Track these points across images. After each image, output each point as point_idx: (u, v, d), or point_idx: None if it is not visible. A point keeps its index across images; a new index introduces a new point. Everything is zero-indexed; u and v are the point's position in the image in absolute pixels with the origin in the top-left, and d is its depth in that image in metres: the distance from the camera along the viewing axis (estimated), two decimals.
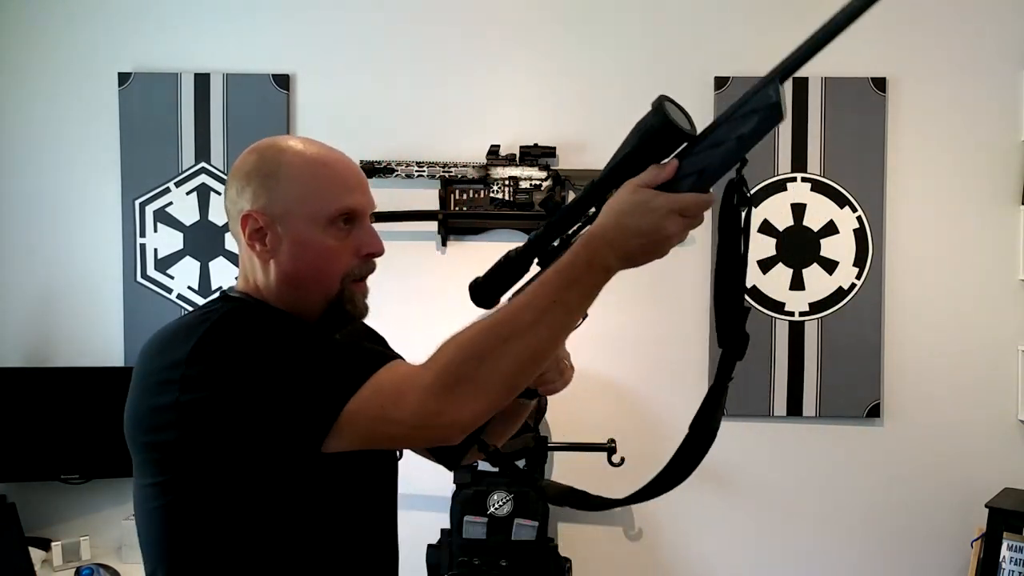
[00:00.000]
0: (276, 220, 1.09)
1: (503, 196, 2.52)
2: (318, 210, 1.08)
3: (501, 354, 0.94)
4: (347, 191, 1.10)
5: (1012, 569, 2.27)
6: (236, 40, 2.62)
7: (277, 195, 1.08)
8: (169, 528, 1.04)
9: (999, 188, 2.52)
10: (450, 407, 0.95)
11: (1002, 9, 2.52)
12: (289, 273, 1.10)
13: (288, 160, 1.10)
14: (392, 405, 0.96)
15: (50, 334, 2.63)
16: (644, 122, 0.99)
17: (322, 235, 1.09)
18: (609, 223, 0.95)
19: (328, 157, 1.12)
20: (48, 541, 2.48)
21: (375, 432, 0.98)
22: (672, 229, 0.93)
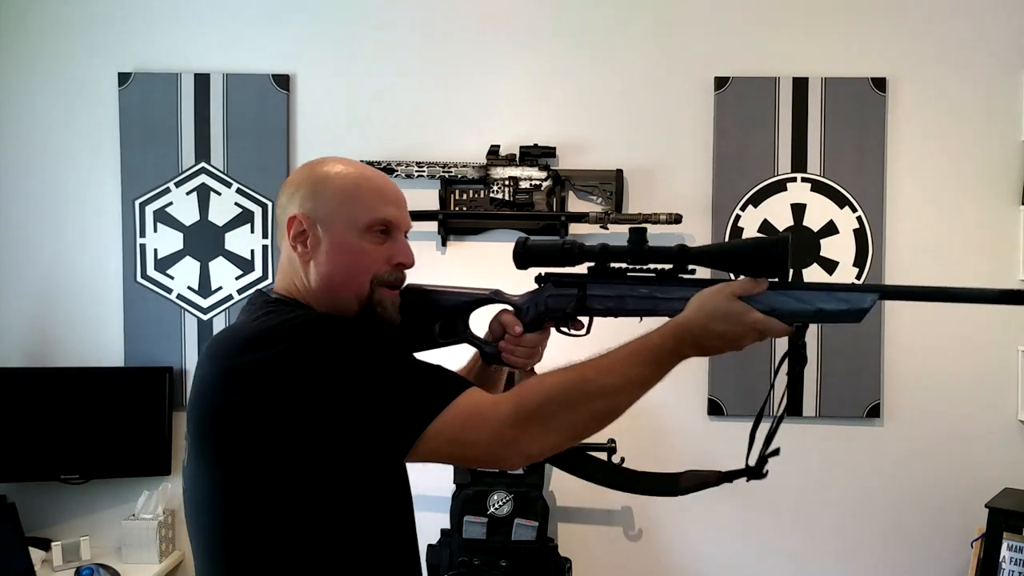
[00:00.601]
0: (318, 223, 1.18)
1: (503, 196, 2.52)
2: (357, 216, 1.18)
3: (580, 406, 1.07)
4: (385, 203, 1.20)
5: (1012, 569, 2.27)
6: (236, 40, 2.62)
7: (322, 201, 1.18)
8: (230, 519, 1.10)
9: (999, 188, 2.52)
10: (523, 438, 1.05)
11: (1002, 9, 2.51)
12: (325, 274, 1.18)
13: (336, 172, 1.20)
14: (471, 429, 1.05)
15: (50, 334, 2.63)
16: (767, 245, 1.13)
17: (358, 239, 1.18)
18: (699, 321, 1.11)
19: (372, 173, 1.23)
20: (48, 541, 2.48)
21: (450, 452, 1.08)
22: (749, 342, 1.11)
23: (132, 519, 2.52)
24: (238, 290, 2.62)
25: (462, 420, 1.05)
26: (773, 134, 2.54)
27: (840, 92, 2.52)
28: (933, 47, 2.53)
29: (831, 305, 1.10)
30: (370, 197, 1.19)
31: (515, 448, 1.06)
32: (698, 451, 2.57)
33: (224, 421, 1.07)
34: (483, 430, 1.05)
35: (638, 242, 1.22)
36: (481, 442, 1.05)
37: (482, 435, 1.05)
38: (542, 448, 1.07)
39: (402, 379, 1.07)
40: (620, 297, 1.23)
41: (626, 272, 1.24)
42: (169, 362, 2.59)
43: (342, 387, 1.04)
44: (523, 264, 1.26)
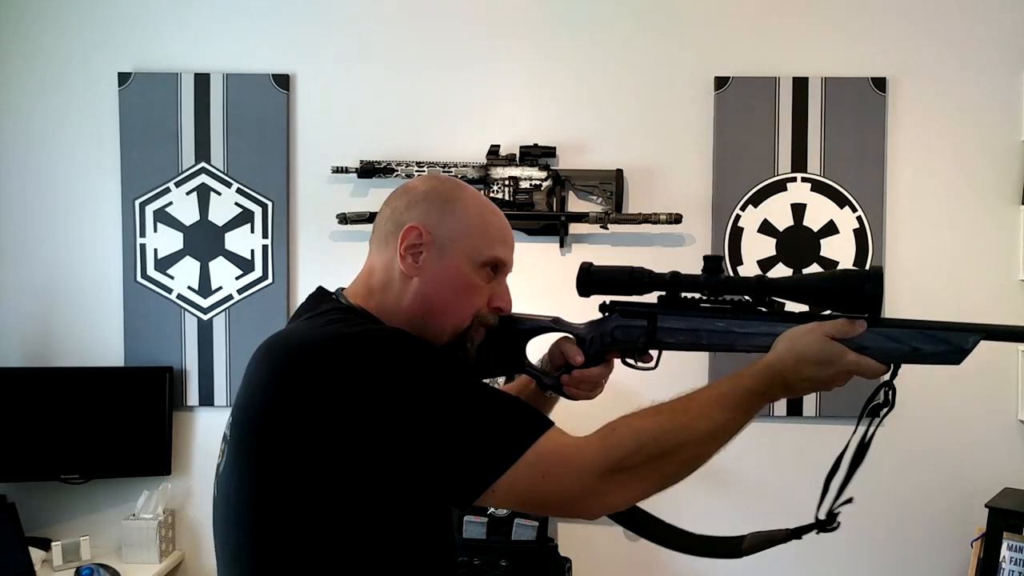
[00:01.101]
0: (437, 243, 1.11)
1: (503, 196, 2.52)
2: (480, 249, 1.13)
3: (671, 455, 1.01)
4: (504, 244, 1.16)
5: (1012, 569, 2.27)
6: (236, 40, 2.62)
7: (448, 221, 1.12)
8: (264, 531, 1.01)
9: (999, 188, 2.52)
10: (608, 489, 0.99)
11: (1002, 9, 2.51)
12: (430, 297, 1.11)
13: (467, 196, 1.15)
14: (553, 478, 0.97)
15: (50, 334, 2.63)
16: (857, 278, 1.06)
17: (473, 272, 1.13)
18: (791, 363, 1.06)
19: (498, 210, 1.19)
20: (48, 541, 2.48)
21: (525, 500, 1.00)
22: (843, 381, 1.07)
23: (132, 519, 2.52)
24: (238, 290, 2.61)
25: (544, 467, 0.96)
26: (773, 134, 2.54)
27: (840, 92, 2.52)
28: (933, 47, 2.53)
29: (929, 346, 1.06)
30: (496, 234, 1.15)
31: (600, 500, 0.99)
32: None
33: (273, 428, 0.98)
34: (567, 479, 0.97)
35: (713, 271, 1.15)
36: (564, 493, 0.98)
37: (565, 485, 0.97)
38: (627, 499, 1.01)
39: (482, 415, 0.98)
40: (694, 331, 1.15)
41: (700, 303, 1.17)
42: (169, 362, 2.59)
43: (418, 415, 0.95)
44: (586, 292, 1.19)
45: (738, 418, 1.05)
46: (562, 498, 0.99)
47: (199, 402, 2.61)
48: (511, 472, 0.95)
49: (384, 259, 1.13)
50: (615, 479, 0.98)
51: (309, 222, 2.61)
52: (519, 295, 1.40)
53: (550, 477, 0.97)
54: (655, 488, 1.02)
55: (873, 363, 1.05)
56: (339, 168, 2.52)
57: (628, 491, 1.00)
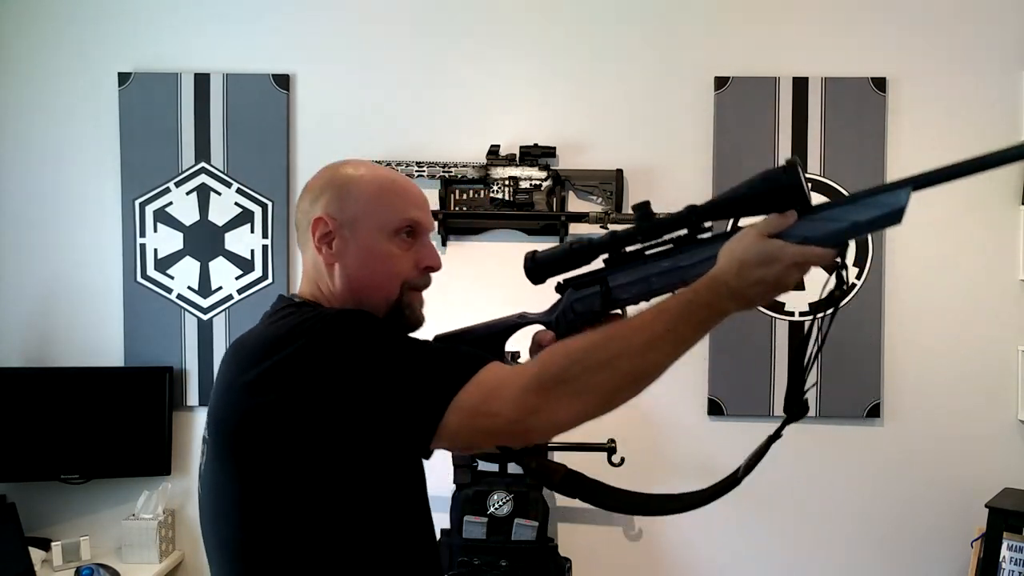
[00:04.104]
0: (345, 226, 1.17)
1: (503, 196, 2.52)
2: (385, 220, 1.17)
3: (606, 367, 1.00)
4: (413, 207, 1.19)
5: (1012, 569, 2.27)
6: (236, 40, 2.62)
7: (349, 204, 1.17)
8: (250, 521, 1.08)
9: (999, 188, 2.52)
10: (547, 405, 0.99)
11: (1002, 9, 2.52)
12: (354, 277, 1.17)
13: (361, 175, 1.19)
14: (492, 399, 1.00)
15: (50, 334, 2.62)
16: (775, 175, 1.05)
17: (387, 243, 1.17)
18: (732, 270, 1.02)
19: (397, 175, 1.23)
20: (48, 541, 2.48)
21: (474, 427, 1.01)
22: (792, 280, 1.02)
23: (132, 519, 2.52)
24: (238, 290, 2.62)
25: (484, 392, 1.00)
26: (773, 134, 2.54)
27: (840, 92, 2.52)
28: (933, 47, 2.53)
29: (865, 214, 1.00)
30: (398, 200, 1.18)
31: (541, 416, 0.99)
32: (698, 451, 2.57)
33: (246, 424, 1.05)
34: (506, 400, 0.99)
35: (644, 216, 1.14)
36: (504, 412, 0.99)
37: (505, 406, 0.99)
38: (570, 414, 1.00)
39: (420, 361, 1.03)
40: (644, 279, 1.15)
41: (644, 252, 1.16)
42: (169, 362, 2.59)
43: (359, 378, 1.01)
44: (537, 278, 1.21)
45: (681, 329, 1.01)
46: (504, 418, 0.99)
47: (199, 402, 2.61)
48: (455, 404, 1.00)
49: (309, 255, 1.20)
50: (553, 393, 0.99)
51: None
52: (520, 295, 1.40)
53: (491, 400, 1.00)
54: (597, 402, 1.01)
55: (818, 249, 1.00)
56: None
57: (570, 406, 1.00)
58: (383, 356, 1.03)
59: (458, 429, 1.01)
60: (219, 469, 1.11)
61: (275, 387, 1.03)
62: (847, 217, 1.00)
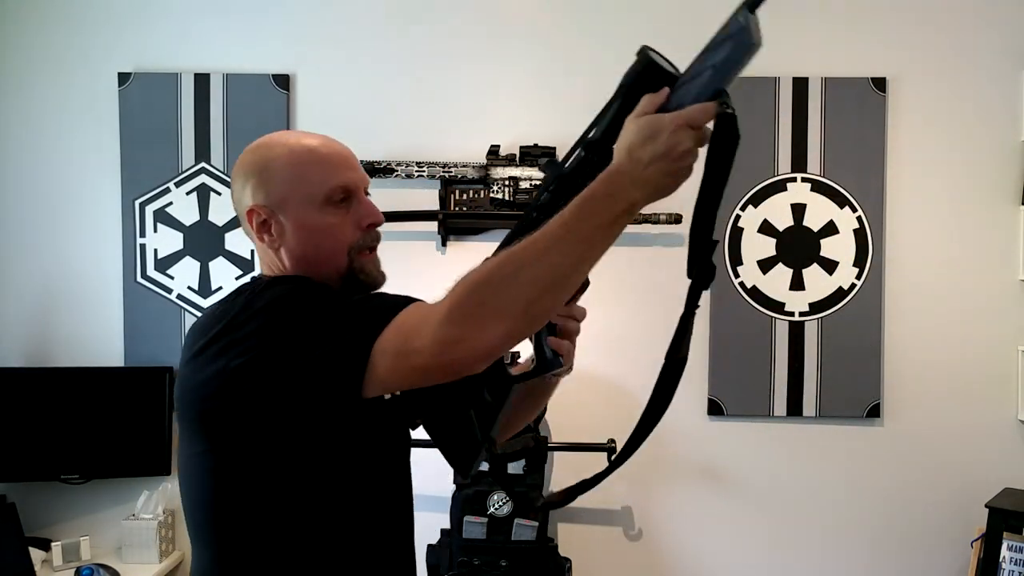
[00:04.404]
0: (277, 210, 1.16)
1: (503, 196, 2.52)
2: (313, 192, 1.15)
3: (516, 280, 0.96)
4: (336, 170, 1.16)
5: (1012, 569, 2.27)
6: (236, 40, 2.62)
7: (272, 187, 1.15)
8: (219, 492, 1.10)
9: (999, 188, 2.52)
10: (469, 332, 0.96)
11: (1002, 9, 2.52)
12: (299, 256, 1.16)
13: (277, 153, 1.17)
14: (414, 336, 0.98)
15: (50, 334, 2.62)
16: (631, 68, 1.04)
17: (320, 214, 1.15)
18: (623, 158, 0.96)
19: (313, 142, 1.18)
20: (48, 541, 2.48)
21: (402, 367, 1.00)
22: (686, 143, 0.94)
23: (132, 519, 2.52)
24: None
25: (404, 332, 0.99)
26: (773, 134, 2.54)
27: (840, 92, 2.52)
28: (933, 47, 2.53)
29: (719, 54, 0.96)
30: (319, 168, 1.16)
31: (464, 344, 0.96)
32: (698, 451, 2.57)
33: (199, 397, 1.08)
34: (425, 335, 0.97)
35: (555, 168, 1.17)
36: (426, 344, 0.97)
37: (425, 341, 0.97)
38: (494, 336, 0.96)
39: (341, 314, 1.04)
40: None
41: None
42: (169, 362, 2.59)
43: (289, 338, 1.02)
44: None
45: (582, 227, 0.95)
46: (431, 354, 0.97)
47: None
48: (378, 348, 0.99)
49: (257, 244, 1.20)
50: (470, 320, 0.96)
51: None
52: None
53: (412, 339, 0.98)
54: (516, 318, 0.96)
55: (695, 107, 0.95)
56: None
57: (491, 329, 0.96)
58: (309, 314, 1.04)
59: (388, 373, 1.00)
60: (187, 450, 1.13)
61: (218, 356, 1.05)
62: (707, 66, 0.97)
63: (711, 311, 2.53)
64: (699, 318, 1.14)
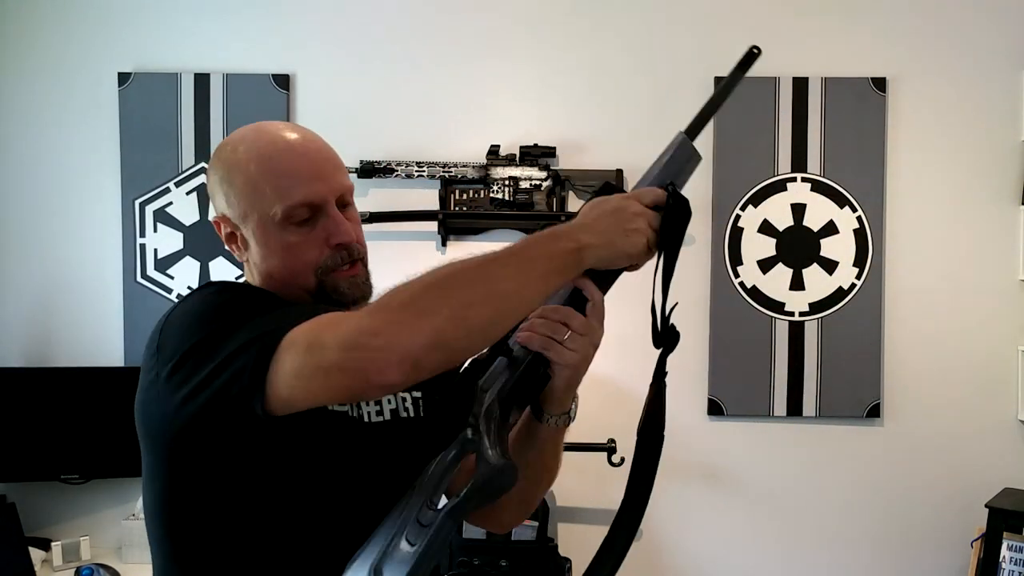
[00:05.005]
0: (240, 223, 1.07)
1: (503, 196, 2.52)
2: (270, 211, 1.03)
3: (452, 282, 0.89)
4: (299, 183, 1.03)
5: (1012, 569, 2.27)
6: (236, 40, 2.62)
7: (233, 199, 1.06)
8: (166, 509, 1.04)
9: (999, 188, 2.52)
10: (388, 325, 0.85)
11: (1002, 9, 2.51)
12: (265, 273, 1.08)
13: (237, 162, 1.06)
14: (329, 329, 0.87)
15: (50, 334, 2.62)
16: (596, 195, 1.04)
17: (280, 234, 1.04)
18: (575, 219, 0.99)
19: (277, 149, 1.05)
20: (48, 541, 2.48)
21: (308, 365, 0.86)
22: (633, 208, 0.97)
23: (132, 519, 2.51)
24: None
25: (322, 325, 0.88)
26: (773, 134, 2.54)
27: (840, 92, 2.52)
28: (933, 47, 2.53)
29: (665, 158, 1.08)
30: (280, 183, 1.03)
31: (379, 339, 0.83)
32: (698, 451, 2.57)
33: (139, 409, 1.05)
34: (340, 327, 0.86)
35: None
36: (338, 340, 0.85)
37: (339, 332, 0.85)
38: (414, 336, 0.84)
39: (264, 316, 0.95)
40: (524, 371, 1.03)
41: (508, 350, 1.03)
42: None
43: (202, 340, 0.94)
44: None
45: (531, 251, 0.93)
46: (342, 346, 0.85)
47: None
48: (288, 340, 0.88)
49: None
50: (394, 311, 0.87)
51: None
52: None
53: (328, 330, 0.88)
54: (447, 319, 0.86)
55: (645, 188, 1.03)
56: None
57: (416, 323, 0.85)
58: (222, 315, 0.96)
59: (293, 375, 0.87)
60: (144, 468, 1.07)
61: (150, 367, 1.00)
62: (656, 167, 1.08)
63: (711, 311, 2.53)
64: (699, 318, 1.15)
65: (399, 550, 0.89)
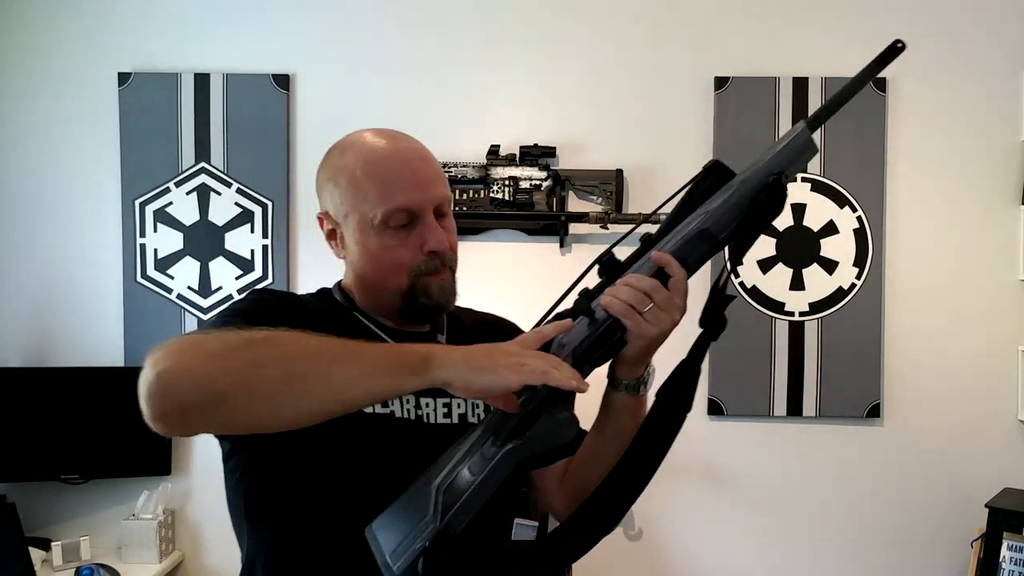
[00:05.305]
0: (341, 222, 1.12)
1: (503, 196, 2.52)
2: (370, 212, 1.08)
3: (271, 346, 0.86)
4: (400, 190, 1.08)
5: (1012, 569, 2.27)
6: (236, 40, 2.62)
7: (338, 199, 1.12)
8: (236, 492, 1.11)
9: (999, 188, 2.52)
10: (168, 359, 0.84)
11: (1002, 9, 2.52)
12: (360, 274, 1.13)
13: (346, 163, 1.11)
14: (153, 350, 0.87)
15: (50, 334, 2.62)
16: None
17: (379, 237, 1.09)
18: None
19: (384, 155, 1.11)
20: (48, 541, 2.48)
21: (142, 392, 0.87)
22: (512, 349, 0.90)
23: (132, 519, 2.52)
24: (238, 290, 2.61)
25: (159, 346, 0.88)
26: (773, 134, 2.54)
27: None
28: (934, 47, 2.53)
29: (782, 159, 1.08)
30: (382, 188, 1.08)
31: (158, 366, 0.84)
32: (698, 451, 2.57)
33: None
34: (157, 349, 0.86)
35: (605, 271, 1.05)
36: (146, 362, 0.86)
37: (151, 355, 0.86)
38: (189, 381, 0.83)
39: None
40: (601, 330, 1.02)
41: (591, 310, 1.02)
42: None
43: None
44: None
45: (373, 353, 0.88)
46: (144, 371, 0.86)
47: None
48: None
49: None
50: (189, 345, 0.87)
51: (309, 222, 2.61)
52: (520, 295, 1.40)
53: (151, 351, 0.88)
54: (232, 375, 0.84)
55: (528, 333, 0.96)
56: None
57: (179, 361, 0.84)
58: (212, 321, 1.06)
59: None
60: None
61: None
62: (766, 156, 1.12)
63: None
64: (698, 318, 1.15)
65: (460, 477, 0.93)
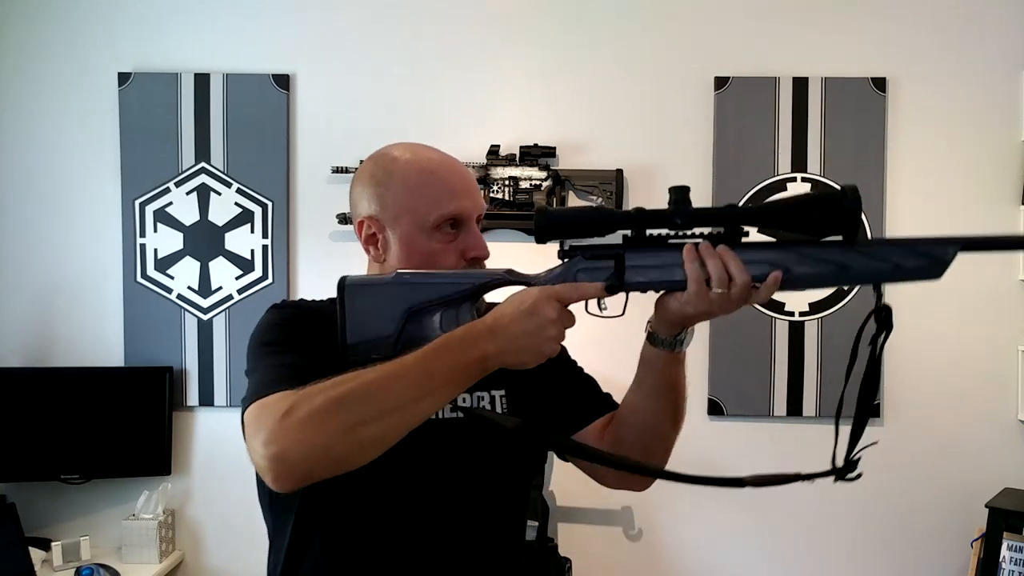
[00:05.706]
0: (387, 226, 1.16)
1: (503, 196, 2.52)
2: (424, 216, 1.14)
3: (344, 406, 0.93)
4: (452, 197, 1.15)
5: (1012, 569, 2.27)
6: (236, 40, 2.62)
7: (387, 203, 1.16)
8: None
9: (999, 188, 2.52)
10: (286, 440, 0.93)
11: (1002, 9, 2.51)
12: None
13: (398, 168, 1.17)
14: (254, 425, 0.97)
15: (50, 334, 2.62)
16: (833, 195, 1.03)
17: (427, 240, 1.14)
18: (488, 316, 1.02)
19: (435, 163, 1.18)
20: (48, 541, 2.48)
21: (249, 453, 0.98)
22: (548, 314, 0.99)
23: (132, 519, 2.52)
24: (238, 290, 2.61)
25: (254, 417, 0.98)
26: (773, 134, 2.54)
27: (840, 92, 2.52)
28: (933, 47, 2.53)
29: (910, 261, 1.02)
30: (436, 193, 1.15)
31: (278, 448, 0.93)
32: (698, 451, 2.57)
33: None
34: (261, 427, 0.95)
35: (680, 201, 1.03)
36: (257, 444, 0.94)
37: (260, 433, 0.95)
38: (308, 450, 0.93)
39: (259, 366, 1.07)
40: (666, 267, 1.04)
41: (668, 239, 1.05)
42: (169, 362, 2.59)
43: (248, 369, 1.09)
44: (545, 237, 1.07)
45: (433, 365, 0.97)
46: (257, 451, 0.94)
47: (199, 402, 2.61)
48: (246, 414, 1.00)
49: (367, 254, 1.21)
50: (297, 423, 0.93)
51: (309, 222, 2.61)
52: None
53: (253, 425, 0.97)
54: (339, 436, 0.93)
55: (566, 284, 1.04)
56: (339, 168, 2.52)
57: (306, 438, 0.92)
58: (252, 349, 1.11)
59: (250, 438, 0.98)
60: None
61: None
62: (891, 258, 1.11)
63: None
64: None
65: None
